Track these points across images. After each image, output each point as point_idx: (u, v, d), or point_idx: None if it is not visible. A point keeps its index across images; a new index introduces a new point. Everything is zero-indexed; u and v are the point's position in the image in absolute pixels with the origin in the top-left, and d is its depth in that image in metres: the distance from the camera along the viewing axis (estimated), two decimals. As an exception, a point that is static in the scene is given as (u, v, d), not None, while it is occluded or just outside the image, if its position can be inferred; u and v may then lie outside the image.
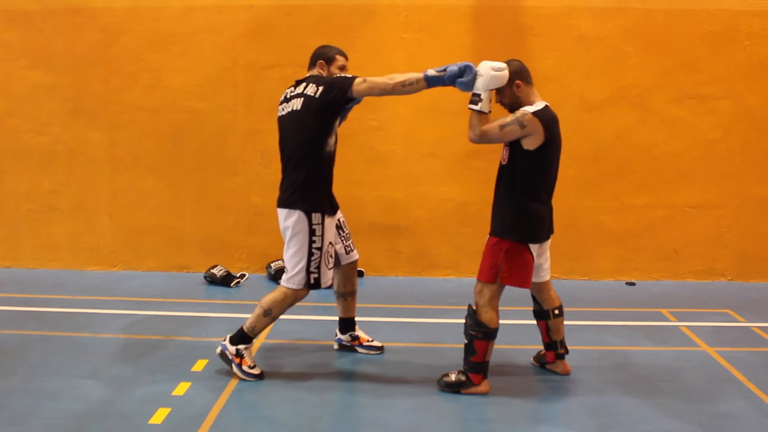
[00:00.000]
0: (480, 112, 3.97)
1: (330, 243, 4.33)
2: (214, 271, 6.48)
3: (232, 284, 6.42)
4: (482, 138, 4.00)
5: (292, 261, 4.26)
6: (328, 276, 4.32)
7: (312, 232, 4.23)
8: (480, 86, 3.96)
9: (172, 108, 6.67)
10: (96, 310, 5.67)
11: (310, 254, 4.23)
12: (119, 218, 6.84)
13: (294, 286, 4.28)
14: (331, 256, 4.34)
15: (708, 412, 3.99)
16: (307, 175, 4.25)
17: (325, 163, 4.29)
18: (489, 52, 5.97)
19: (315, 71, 4.41)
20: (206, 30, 6.59)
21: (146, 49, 6.64)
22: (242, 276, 6.55)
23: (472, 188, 6.46)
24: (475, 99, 3.97)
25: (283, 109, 4.37)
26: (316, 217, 4.23)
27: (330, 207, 4.37)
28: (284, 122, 4.36)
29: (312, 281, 4.26)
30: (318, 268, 4.25)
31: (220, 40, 6.60)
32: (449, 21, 6.52)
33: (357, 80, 4.12)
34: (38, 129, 6.79)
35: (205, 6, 6.57)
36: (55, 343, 4.91)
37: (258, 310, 4.35)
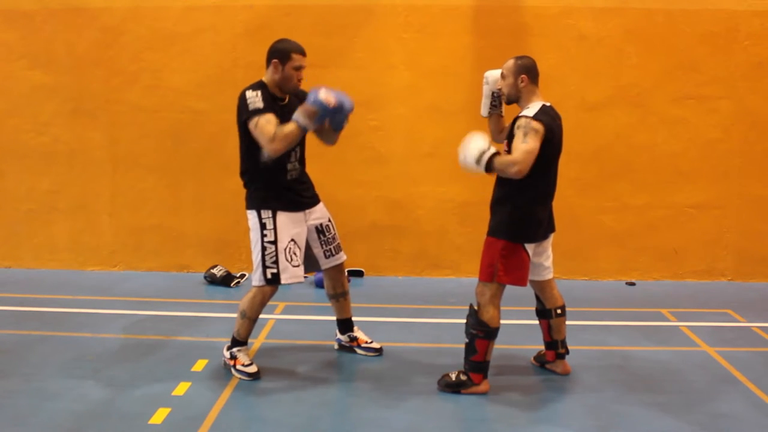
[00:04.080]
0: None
1: (292, 240, 4.32)
2: (214, 271, 6.48)
3: (232, 284, 6.42)
4: (524, 167, 3.89)
5: (253, 259, 4.35)
6: (291, 272, 4.30)
7: (262, 227, 4.29)
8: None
9: (172, 108, 6.67)
10: (96, 310, 5.67)
11: (263, 249, 4.29)
12: (119, 218, 6.84)
13: (255, 283, 4.35)
14: (295, 254, 4.33)
15: (708, 412, 3.99)
16: (251, 176, 4.36)
17: (270, 168, 4.28)
18: (489, 52, 6.00)
19: (270, 70, 4.26)
20: (206, 30, 6.59)
21: (146, 49, 6.63)
22: (242, 276, 6.55)
23: (472, 188, 6.45)
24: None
25: None
26: (265, 213, 4.30)
27: (288, 203, 4.35)
28: None
29: (270, 276, 4.28)
30: (275, 263, 4.27)
31: (220, 40, 6.60)
32: (449, 21, 6.52)
33: (255, 121, 4.12)
34: (38, 129, 6.78)
35: (205, 6, 6.57)
36: (55, 343, 4.91)
37: (237, 313, 4.43)
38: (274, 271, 4.28)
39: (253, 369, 4.36)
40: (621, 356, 4.81)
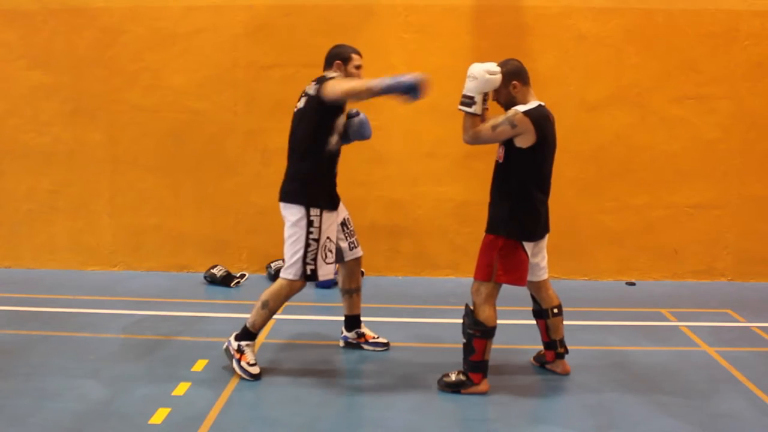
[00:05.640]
0: (473, 115, 3.99)
1: (328, 238, 4.37)
2: (214, 271, 6.48)
3: (232, 284, 6.42)
4: (475, 139, 4.03)
5: (290, 252, 4.34)
6: (326, 269, 4.35)
7: (309, 224, 4.31)
8: (473, 89, 3.99)
9: (172, 108, 6.67)
10: (96, 310, 5.67)
11: (307, 245, 4.30)
12: (119, 218, 6.84)
13: (290, 277, 4.35)
14: (330, 251, 4.38)
15: (708, 412, 3.99)
16: (306, 170, 4.36)
17: (326, 159, 4.37)
18: (489, 52, 5.97)
19: (331, 72, 4.41)
20: (206, 30, 6.59)
21: (146, 49, 6.63)
22: (242, 276, 6.55)
23: (472, 188, 6.45)
24: (468, 101, 4.00)
25: (296, 106, 4.44)
26: (313, 211, 4.31)
27: (330, 202, 4.42)
28: (293, 118, 4.45)
29: (309, 272, 4.32)
30: (315, 260, 4.31)
31: (220, 40, 6.60)
32: (449, 21, 6.52)
33: (332, 81, 4.22)
34: (38, 129, 6.79)
35: (205, 6, 6.57)
36: (55, 343, 4.91)
37: (257, 304, 4.42)
38: (313, 267, 4.32)
39: (256, 370, 4.35)
40: (621, 356, 4.81)
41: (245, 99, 6.64)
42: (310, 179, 4.35)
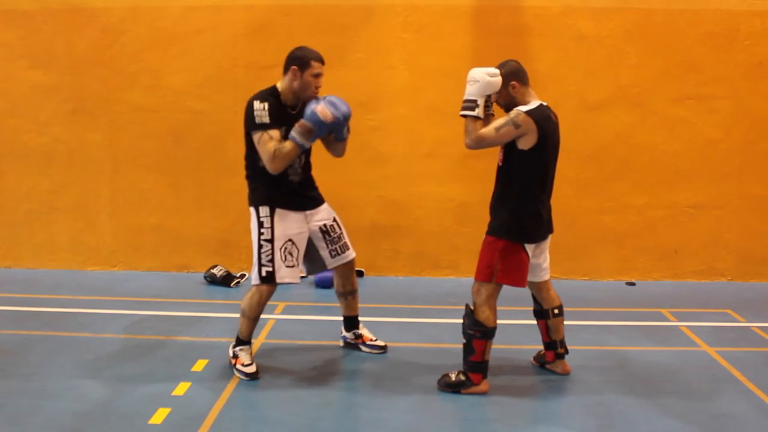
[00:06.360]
0: (475, 118, 3.99)
1: (290, 240, 4.32)
2: (214, 271, 6.48)
3: (232, 284, 6.42)
4: (479, 143, 4.01)
5: (253, 256, 4.35)
6: (286, 272, 4.30)
7: (260, 225, 4.32)
8: (475, 92, 3.99)
9: (172, 108, 6.67)
10: (96, 310, 5.67)
11: (260, 246, 4.31)
12: (119, 218, 6.84)
13: (253, 281, 4.37)
14: (290, 253, 4.32)
15: (708, 412, 3.99)
16: (251, 174, 4.40)
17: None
18: (489, 52, 5.99)
19: (288, 76, 4.30)
20: (206, 30, 6.59)
21: (146, 49, 6.63)
22: (242, 276, 6.55)
23: (472, 188, 6.46)
24: (471, 105, 4.00)
25: None
26: (263, 210, 4.32)
27: (286, 202, 4.34)
28: None
29: (264, 274, 4.29)
30: (271, 261, 4.28)
31: (220, 40, 6.60)
32: (449, 21, 6.52)
33: (259, 136, 4.20)
34: (38, 129, 6.79)
35: (205, 6, 6.57)
36: (55, 343, 4.91)
37: (239, 312, 4.45)
38: (269, 269, 4.28)
39: (251, 369, 4.36)
40: (621, 356, 4.81)
41: (245, 99, 6.55)
42: (257, 181, 4.36)
